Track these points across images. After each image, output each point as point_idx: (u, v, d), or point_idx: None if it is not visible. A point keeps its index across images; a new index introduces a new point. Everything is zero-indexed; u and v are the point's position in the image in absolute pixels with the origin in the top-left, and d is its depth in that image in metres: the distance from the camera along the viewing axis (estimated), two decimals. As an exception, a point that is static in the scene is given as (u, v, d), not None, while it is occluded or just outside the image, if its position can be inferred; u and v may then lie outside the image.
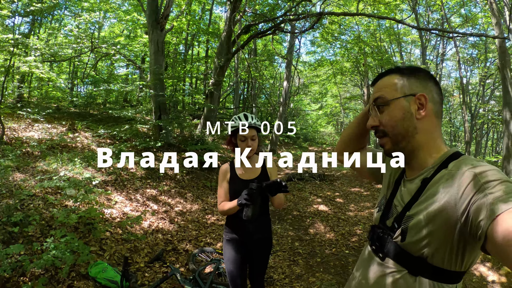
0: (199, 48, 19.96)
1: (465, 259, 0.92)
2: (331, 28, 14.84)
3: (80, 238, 3.64)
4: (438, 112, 1.05)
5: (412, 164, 1.09)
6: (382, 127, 1.08)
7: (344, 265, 4.40)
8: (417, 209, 0.96)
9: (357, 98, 24.30)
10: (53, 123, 7.85)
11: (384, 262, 1.05)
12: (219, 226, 5.43)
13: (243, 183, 2.21)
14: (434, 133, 1.05)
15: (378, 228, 1.13)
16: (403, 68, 1.10)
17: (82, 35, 8.86)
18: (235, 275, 2.29)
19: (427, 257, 0.93)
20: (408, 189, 1.06)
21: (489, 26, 14.92)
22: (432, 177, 0.98)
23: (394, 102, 1.05)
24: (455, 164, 0.95)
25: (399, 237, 0.99)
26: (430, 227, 0.91)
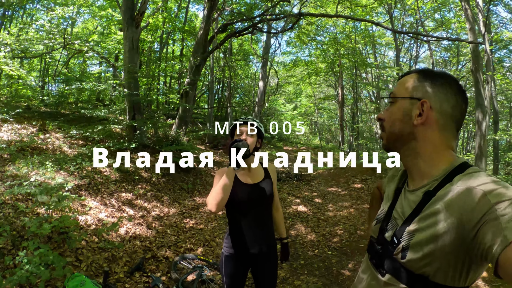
0: (174, 47, 19.63)
1: (470, 276, 0.88)
2: (307, 29, 14.93)
3: (54, 249, 3.44)
4: (445, 125, 0.98)
5: (413, 173, 1.05)
6: (384, 122, 1.08)
7: (328, 267, 4.40)
8: (419, 226, 0.91)
9: (331, 98, 24.65)
10: (23, 124, 7.46)
11: (384, 278, 1.01)
12: (198, 230, 5.32)
13: (245, 188, 2.07)
14: (436, 144, 0.98)
15: (377, 243, 1.07)
16: (426, 70, 1.05)
17: (54, 30, 8.46)
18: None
19: (429, 275, 0.89)
20: (409, 201, 1.01)
21: (462, 31, 15.48)
22: (436, 191, 0.92)
23: (400, 100, 1.04)
24: (461, 179, 0.88)
25: (400, 254, 0.94)
26: (432, 246, 0.87)
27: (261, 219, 2.11)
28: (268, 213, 2.18)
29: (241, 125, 2.12)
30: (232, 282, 2.11)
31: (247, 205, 2.05)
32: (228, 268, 2.11)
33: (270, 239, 2.15)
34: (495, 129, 12.69)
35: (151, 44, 16.07)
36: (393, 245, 0.98)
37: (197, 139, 12.91)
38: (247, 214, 2.07)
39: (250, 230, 2.07)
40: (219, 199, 1.86)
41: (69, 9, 8.71)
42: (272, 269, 2.19)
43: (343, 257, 4.73)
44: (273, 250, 2.17)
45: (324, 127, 30.66)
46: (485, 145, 9.12)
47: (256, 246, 2.07)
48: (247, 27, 9.77)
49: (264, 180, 2.15)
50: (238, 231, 2.09)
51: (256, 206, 2.09)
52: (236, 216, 2.09)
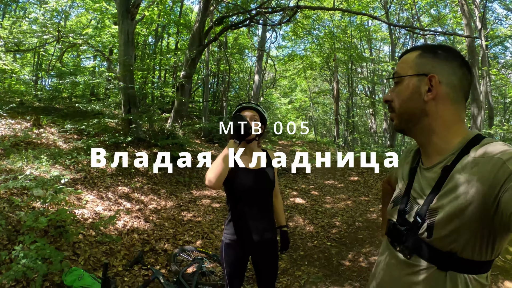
0: (169, 40, 19.47)
1: (495, 247, 0.88)
2: (303, 23, 14.86)
3: (51, 243, 3.38)
4: (456, 97, 0.97)
5: (428, 150, 1.03)
6: (393, 103, 1.05)
7: (328, 257, 4.39)
8: (442, 202, 0.90)
9: (327, 93, 24.64)
10: (16, 119, 7.34)
11: (410, 260, 0.99)
12: (196, 223, 5.28)
13: (248, 173, 2.03)
14: (449, 119, 0.97)
15: (399, 225, 1.04)
16: (428, 45, 1.04)
17: (48, 23, 8.32)
18: (236, 279, 2.10)
19: (456, 251, 0.88)
20: (427, 178, 0.99)
21: (457, 26, 15.52)
22: (454, 165, 0.91)
23: (405, 79, 1.01)
24: (478, 150, 0.88)
25: (425, 233, 0.93)
26: (458, 221, 0.86)
27: (262, 206, 2.07)
28: (269, 200, 2.14)
29: (244, 109, 2.10)
30: (233, 270, 2.07)
31: (249, 190, 2.01)
32: (229, 256, 2.07)
33: (271, 227, 2.12)
34: (490, 124, 12.77)
35: (146, 38, 15.91)
36: (417, 225, 0.96)
37: (192, 132, 12.84)
38: (249, 200, 2.03)
39: (253, 217, 2.03)
40: (218, 172, 1.82)
41: (63, 2, 8.56)
42: (273, 258, 2.15)
43: (343, 248, 4.72)
44: (274, 238, 2.14)
45: (319, 121, 30.66)
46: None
47: (258, 234, 2.03)
48: (243, 20, 9.70)
49: (267, 167, 2.12)
50: (239, 217, 2.05)
51: (258, 192, 2.05)
52: (237, 202, 2.05)
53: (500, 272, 3.63)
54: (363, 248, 4.71)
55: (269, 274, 2.16)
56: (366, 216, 6.22)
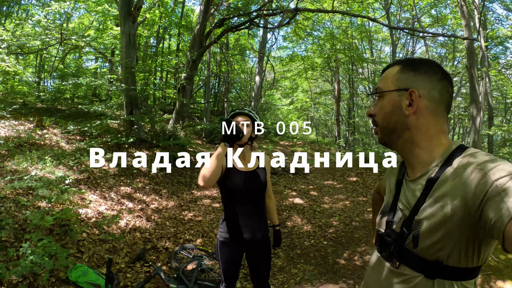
0: (171, 42, 19.58)
1: (481, 254, 0.91)
2: (304, 24, 14.95)
3: (56, 241, 3.51)
4: (436, 110, 1.00)
5: (411, 163, 1.06)
6: (376, 117, 1.09)
7: (324, 256, 4.51)
8: (427, 213, 0.93)
9: (328, 93, 24.68)
10: (20, 120, 7.49)
11: (397, 269, 1.02)
12: (197, 222, 5.40)
13: (240, 175, 2.17)
14: (430, 131, 1.00)
15: (386, 236, 1.08)
16: (407, 60, 1.07)
17: (50, 25, 8.45)
18: (231, 276, 2.25)
19: (442, 260, 0.91)
20: (413, 190, 1.02)
21: (458, 27, 15.55)
22: (438, 177, 0.94)
23: (387, 94, 1.05)
24: (460, 161, 0.91)
25: (411, 243, 0.96)
26: (442, 231, 0.89)
27: (255, 206, 2.21)
28: (261, 200, 2.28)
29: (237, 115, 2.24)
30: (227, 266, 2.22)
31: (242, 191, 2.15)
32: (223, 254, 2.22)
33: (263, 226, 2.25)
34: (490, 124, 12.78)
35: (148, 39, 16.03)
36: (403, 235, 1.00)
37: (194, 133, 12.95)
38: (242, 200, 2.17)
39: (245, 216, 2.16)
40: (209, 173, 1.91)
41: (65, 4, 8.69)
42: (266, 255, 2.29)
43: (339, 247, 4.84)
44: (267, 236, 2.27)
45: (320, 122, 30.67)
46: (480, 141, 9.23)
47: (250, 232, 2.17)
48: (244, 22, 9.80)
49: (258, 169, 2.26)
50: (232, 217, 2.18)
51: (251, 193, 2.19)
52: (231, 202, 2.19)
53: (493, 272, 3.72)
54: (358, 247, 4.83)
55: (262, 271, 2.30)
56: (363, 216, 6.34)
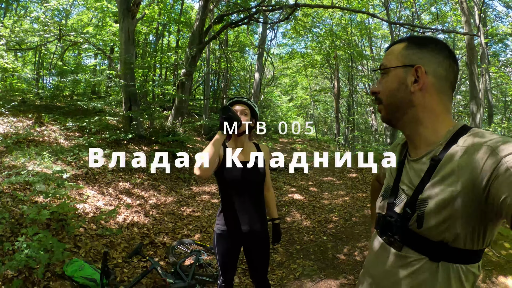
0: (170, 38, 19.55)
1: (487, 236, 0.89)
2: (303, 21, 14.91)
3: (53, 236, 3.48)
4: (442, 88, 0.98)
5: (415, 142, 1.04)
6: (380, 95, 1.07)
7: (323, 251, 4.48)
8: (431, 192, 0.90)
9: (327, 90, 24.66)
10: (18, 117, 7.46)
11: (401, 252, 0.98)
12: (195, 217, 5.37)
13: (238, 165, 2.09)
14: (435, 109, 0.98)
15: (388, 217, 1.04)
16: (414, 37, 1.05)
17: (49, 22, 8.41)
18: (228, 269, 2.19)
19: (448, 241, 0.88)
20: (416, 169, 1.00)
21: (458, 24, 15.48)
22: (442, 155, 0.92)
23: (392, 70, 1.03)
24: (466, 140, 0.89)
25: (415, 223, 0.93)
26: (448, 210, 0.86)
27: (253, 198, 2.14)
28: (259, 192, 2.21)
29: (235, 103, 2.17)
30: (225, 259, 2.16)
31: (239, 182, 2.08)
32: (220, 246, 2.15)
33: (261, 218, 2.18)
34: (489, 122, 12.77)
35: (147, 36, 16.00)
36: (406, 216, 0.97)
37: (193, 130, 12.93)
38: (239, 192, 2.10)
39: (242, 208, 2.10)
40: (206, 161, 1.83)
41: (64, 0, 8.65)
42: (264, 249, 2.23)
43: (339, 242, 4.81)
44: (265, 229, 2.20)
45: (320, 119, 30.70)
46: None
47: (248, 224, 2.10)
48: (243, 18, 9.77)
49: (257, 160, 2.18)
50: (230, 208, 2.12)
51: (248, 185, 2.11)
52: (228, 194, 2.12)
53: (494, 267, 3.70)
54: (358, 242, 4.80)
55: (260, 265, 2.24)
56: (363, 211, 6.31)
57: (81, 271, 3.02)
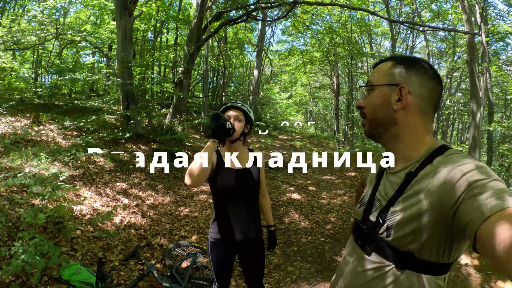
0: (168, 35, 19.47)
1: (452, 252, 0.92)
2: (302, 18, 14.85)
3: (49, 239, 3.48)
4: (424, 108, 1.01)
5: (395, 157, 1.08)
6: (365, 110, 1.10)
7: (321, 253, 4.48)
8: (402, 205, 0.95)
9: (327, 87, 24.62)
10: (16, 116, 7.44)
11: (370, 257, 1.04)
12: (193, 218, 5.37)
13: (231, 173, 2.05)
14: (416, 128, 1.02)
15: (362, 224, 1.11)
16: (401, 57, 1.09)
17: (46, 20, 8.36)
18: (223, 276, 2.17)
19: (413, 252, 0.93)
20: (392, 182, 1.05)
21: (459, 22, 15.43)
22: (417, 172, 0.96)
23: (377, 88, 1.06)
24: (440, 160, 0.93)
25: (385, 233, 0.98)
26: (416, 224, 0.91)
27: (247, 206, 2.10)
28: (254, 200, 2.18)
29: (229, 109, 2.12)
30: (219, 267, 2.13)
31: (233, 190, 2.04)
32: (215, 254, 2.12)
33: (256, 226, 2.15)
34: (490, 120, 12.74)
35: (145, 34, 15.91)
36: (378, 225, 1.02)
37: (191, 128, 12.90)
38: (233, 200, 2.06)
39: (236, 216, 2.06)
40: (196, 171, 1.78)
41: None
42: (259, 257, 2.20)
43: (336, 244, 4.81)
44: (260, 237, 2.17)
45: (319, 116, 30.70)
46: (479, 136, 9.19)
47: (242, 233, 2.07)
48: (241, 15, 9.71)
49: (251, 167, 2.15)
50: (223, 216, 2.09)
51: (242, 192, 2.07)
52: (221, 201, 2.08)
53: (493, 272, 3.71)
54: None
55: (255, 272, 2.22)
56: (361, 211, 6.29)
57: (78, 275, 3.02)
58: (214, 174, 2.04)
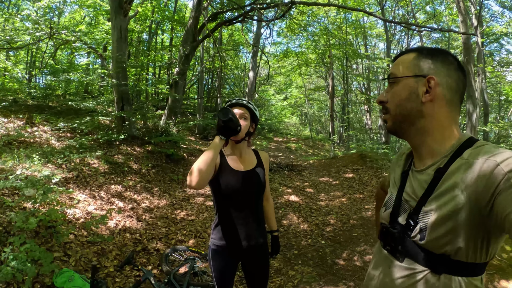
0: (163, 36, 19.36)
1: (490, 250, 0.88)
2: (298, 19, 14.83)
3: (42, 244, 3.34)
4: (452, 100, 0.97)
5: (421, 152, 1.03)
6: (388, 104, 1.05)
7: (322, 256, 4.38)
8: (435, 204, 0.90)
9: (322, 89, 24.67)
10: (9, 117, 7.29)
11: (403, 263, 0.98)
12: (190, 221, 5.25)
13: (236, 175, 1.91)
14: (444, 121, 0.97)
15: (392, 228, 1.04)
16: (424, 48, 1.04)
17: (40, 20, 8.22)
18: (224, 284, 2.00)
19: (450, 254, 0.88)
20: (420, 181, 0.99)
21: (453, 23, 15.53)
22: (447, 167, 0.91)
23: (402, 80, 1.01)
24: (471, 153, 0.88)
25: (418, 235, 0.93)
26: (451, 223, 0.86)
27: (252, 210, 1.97)
28: (259, 203, 2.04)
29: (234, 106, 1.97)
30: (221, 275, 1.98)
31: (237, 193, 1.90)
32: (216, 262, 1.97)
33: (261, 232, 2.02)
34: (485, 121, 12.84)
35: (140, 34, 15.81)
36: (409, 227, 0.96)
37: (186, 130, 12.79)
38: (238, 204, 1.92)
39: (241, 221, 1.92)
40: (204, 168, 1.65)
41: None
42: (263, 263, 2.07)
43: (337, 246, 4.72)
44: (265, 244, 2.05)
45: (315, 118, 30.67)
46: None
47: (247, 239, 1.93)
48: (237, 16, 9.64)
49: (256, 168, 2.02)
50: (227, 222, 1.94)
51: (247, 195, 1.94)
52: (225, 206, 1.94)
53: (496, 271, 3.63)
54: (357, 246, 4.71)
55: (259, 280, 2.09)
56: (361, 213, 6.22)
57: (71, 282, 2.89)
58: (217, 175, 1.89)
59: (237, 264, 2.04)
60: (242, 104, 1.97)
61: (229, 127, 1.71)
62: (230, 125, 1.71)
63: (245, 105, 1.97)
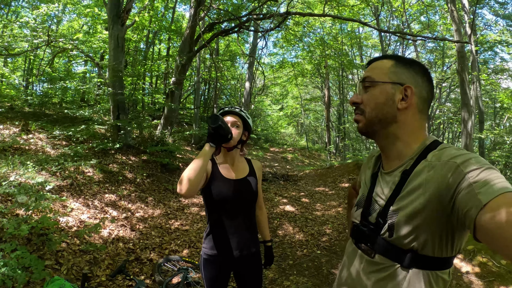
0: (160, 46, 19.44)
1: (455, 244, 0.93)
2: (294, 30, 14.97)
3: (33, 251, 3.30)
4: (423, 109, 1.04)
5: (389, 155, 1.09)
6: (363, 106, 1.09)
7: (317, 266, 4.35)
8: (401, 204, 0.96)
9: (318, 99, 24.78)
10: (5, 124, 7.26)
11: (373, 259, 1.03)
12: (184, 231, 5.21)
13: (228, 183, 1.89)
14: (414, 127, 1.04)
15: (362, 226, 1.10)
16: (400, 57, 1.10)
17: (38, 27, 8.25)
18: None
19: (417, 249, 0.93)
20: (388, 182, 1.06)
21: (447, 33, 15.72)
22: (412, 169, 0.97)
23: (380, 85, 1.05)
24: (434, 155, 0.95)
25: (387, 233, 0.98)
26: (417, 221, 0.91)
27: (244, 218, 1.95)
28: (251, 212, 2.02)
29: (226, 114, 1.96)
30: (213, 285, 1.94)
31: (230, 201, 1.88)
32: (209, 271, 1.93)
33: (254, 241, 2.00)
34: (481, 128, 12.90)
35: (137, 44, 15.86)
36: (379, 225, 1.02)
37: (183, 139, 12.77)
38: (230, 212, 1.90)
39: (233, 230, 1.90)
40: (190, 180, 1.60)
41: (54, 6, 8.50)
42: (256, 272, 2.04)
43: (333, 256, 4.69)
44: (257, 253, 2.02)
45: (311, 128, 30.78)
46: (471, 144, 9.27)
47: (239, 248, 1.91)
48: (234, 26, 9.70)
49: (248, 176, 2.00)
50: (219, 230, 1.91)
51: (239, 204, 1.92)
52: (217, 214, 1.91)
53: (495, 278, 3.64)
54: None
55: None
56: (355, 223, 6.20)
57: (62, 291, 2.85)
58: (209, 183, 1.88)
59: (229, 274, 2.00)
60: (235, 112, 1.97)
61: (219, 134, 1.69)
62: (220, 132, 1.68)
63: (237, 113, 1.97)
